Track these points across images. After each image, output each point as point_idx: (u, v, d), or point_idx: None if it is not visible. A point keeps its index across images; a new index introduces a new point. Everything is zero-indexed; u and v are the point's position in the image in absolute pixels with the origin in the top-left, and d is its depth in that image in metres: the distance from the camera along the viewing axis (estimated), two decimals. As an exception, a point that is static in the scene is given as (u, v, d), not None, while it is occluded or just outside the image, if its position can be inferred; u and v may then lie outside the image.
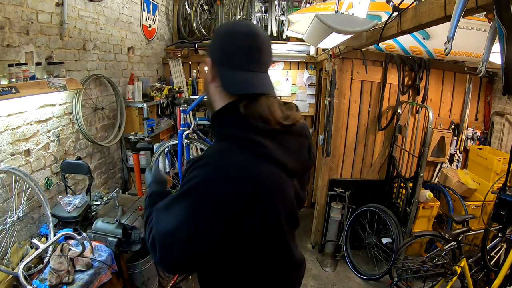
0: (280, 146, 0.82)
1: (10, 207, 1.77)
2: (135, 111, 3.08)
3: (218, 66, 0.84)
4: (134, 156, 2.49)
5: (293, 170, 0.86)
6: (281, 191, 0.84)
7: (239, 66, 0.80)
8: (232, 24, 0.90)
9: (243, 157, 0.77)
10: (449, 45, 1.06)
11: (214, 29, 0.87)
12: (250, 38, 0.81)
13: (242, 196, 0.75)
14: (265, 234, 0.83)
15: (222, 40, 0.84)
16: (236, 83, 0.80)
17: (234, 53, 0.81)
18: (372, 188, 3.28)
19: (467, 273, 2.31)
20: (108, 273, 1.79)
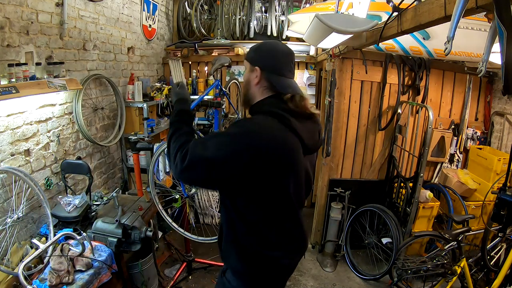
0: (301, 124, 1.13)
1: (10, 207, 1.77)
2: (135, 111, 3.08)
3: (268, 73, 1.16)
4: (134, 156, 2.49)
5: (307, 143, 1.15)
6: (295, 152, 1.11)
7: (284, 74, 1.17)
8: (276, 44, 1.22)
9: (274, 124, 1.08)
10: (449, 45, 1.06)
11: (256, 45, 1.11)
12: (290, 56, 1.20)
13: (269, 146, 1.03)
14: (275, 182, 1.08)
15: (273, 56, 1.18)
16: (284, 86, 1.16)
17: (282, 66, 1.17)
18: (372, 188, 3.28)
19: (467, 273, 2.31)
20: (108, 273, 1.79)
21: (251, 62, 1.20)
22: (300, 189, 1.21)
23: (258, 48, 1.21)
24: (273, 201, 1.12)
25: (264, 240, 1.17)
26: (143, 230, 1.97)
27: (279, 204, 1.13)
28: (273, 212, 1.14)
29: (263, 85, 1.17)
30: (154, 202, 2.27)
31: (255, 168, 1.02)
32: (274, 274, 1.23)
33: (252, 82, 1.19)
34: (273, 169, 1.05)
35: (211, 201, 3.40)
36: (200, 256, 3.06)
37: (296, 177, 1.14)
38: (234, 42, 4.07)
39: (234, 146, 1.02)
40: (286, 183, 1.10)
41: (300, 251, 1.31)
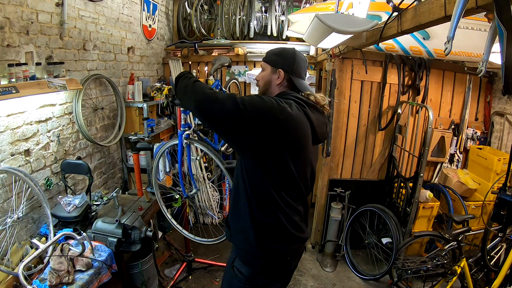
0: (314, 114, 1.31)
1: (10, 207, 1.77)
2: (135, 111, 3.08)
3: (291, 76, 1.37)
4: (134, 156, 2.49)
5: (317, 131, 1.30)
6: (306, 133, 1.26)
7: (302, 77, 1.41)
8: (295, 51, 1.42)
9: (294, 105, 1.24)
10: (449, 45, 1.06)
11: (276, 49, 1.48)
12: (306, 62, 1.45)
13: (288, 118, 1.18)
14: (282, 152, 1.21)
15: (295, 62, 1.38)
16: (304, 86, 1.39)
17: (301, 70, 1.40)
18: (372, 188, 3.28)
19: (467, 273, 2.31)
20: (108, 273, 1.79)
21: (273, 65, 1.38)
22: (305, 175, 1.32)
23: (280, 53, 1.41)
24: (278, 172, 1.22)
25: (276, 217, 1.26)
26: (143, 230, 1.97)
27: (284, 177, 1.24)
28: (278, 183, 1.23)
29: (283, 85, 1.38)
30: (158, 202, 2.27)
31: (270, 131, 1.15)
32: (283, 253, 1.32)
33: (274, 82, 1.38)
34: (284, 139, 1.18)
35: (211, 201, 3.40)
36: (200, 256, 3.06)
37: (302, 159, 1.27)
38: (234, 42, 4.07)
39: (262, 104, 1.17)
40: (291, 159, 1.22)
41: (301, 239, 1.38)
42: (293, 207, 1.30)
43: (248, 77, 4.06)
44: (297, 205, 1.32)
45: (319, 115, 1.34)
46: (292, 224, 1.29)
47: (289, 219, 1.28)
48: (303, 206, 1.37)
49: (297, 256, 1.43)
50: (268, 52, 1.44)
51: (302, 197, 1.34)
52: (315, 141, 1.32)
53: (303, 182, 1.31)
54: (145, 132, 3.07)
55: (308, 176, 1.36)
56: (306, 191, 1.36)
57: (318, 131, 1.31)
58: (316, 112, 1.33)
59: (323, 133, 1.38)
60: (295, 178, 1.26)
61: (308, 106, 1.29)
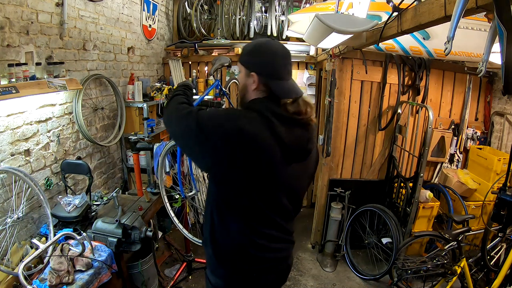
0: (288, 130, 1.07)
1: (10, 207, 1.77)
2: (135, 111, 3.08)
3: (266, 79, 1.11)
4: (134, 156, 2.49)
5: (292, 149, 1.08)
6: (267, 153, 1.05)
7: (282, 78, 1.11)
8: (271, 45, 1.13)
9: (256, 120, 1.05)
10: (449, 45, 1.06)
11: (249, 46, 1.10)
12: (287, 58, 1.14)
13: (239, 134, 1.02)
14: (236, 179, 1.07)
15: (271, 60, 1.11)
16: (285, 90, 1.11)
17: (279, 70, 1.11)
18: (372, 188, 3.28)
19: (467, 273, 2.31)
20: (108, 273, 1.79)
21: (246, 67, 1.14)
22: (277, 201, 1.13)
23: (252, 51, 1.14)
24: (237, 199, 1.11)
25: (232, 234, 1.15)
26: (143, 230, 1.97)
27: (245, 205, 1.10)
28: (238, 209, 1.12)
29: (261, 90, 1.12)
30: (164, 202, 2.27)
31: (222, 154, 1.03)
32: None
33: (250, 88, 1.14)
34: (239, 163, 1.03)
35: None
36: (200, 256, 3.06)
37: (268, 185, 1.09)
38: (234, 42, 4.07)
39: (214, 121, 1.05)
40: (252, 187, 1.07)
41: (275, 269, 1.22)
42: (259, 232, 1.14)
43: (248, 77, 4.06)
44: (268, 228, 1.15)
45: (298, 130, 1.10)
46: (256, 247, 1.15)
47: (253, 243, 1.14)
48: (278, 228, 1.18)
49: (271, 274, 1.23)
50: (243, 48, 1.20)
51: (274, 222, 1.16)
52: (293, 159, 1.12)
53: (274, 208, 1.14)
54: (145, 132, 3.07)
55: (286, 200, 1.16)
56: (284, 215, 1.19)
57: (294, 149, 1.10)
58: (294, 126, 1.09)
59: (303, 150, 1.14)
60: (259, 207, 1.10)
61: (281, 120, 1.07)
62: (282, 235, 1.21)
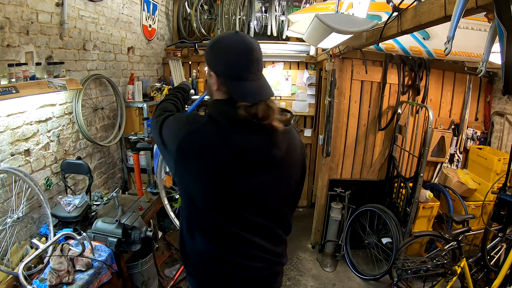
0: (244, 135, 0.96)
1: (10, 207, 1.77)
2: (135, 111, 3.08)
3: (224, 79, 0.98)
4: (134, 156, 2.49)
5: (246, 156, 0.97)
6: (216, 159, 0.96)
7: (243, 78, 0.95)
8: (230, 41, 0.97)
9: (205, 125, 0.98)
10: (449, 45, 1.06)
11: (211, 41, 1.01)
12: (248, 54, 0.95)
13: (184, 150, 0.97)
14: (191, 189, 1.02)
15: (224, 56, 0.97)
16: (245, 93, 0.95)
17: (237, 68, 0.96)
18: (372, 188, 3.28)
19: (467, 273, 2.31)
20: (108, 273, 1.79)
21: (207, 65, 1.04)
22: (238, 216, 1.02)
23: (212, 47, 1.01)
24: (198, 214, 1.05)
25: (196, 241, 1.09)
26: (143, 230, 1.97)
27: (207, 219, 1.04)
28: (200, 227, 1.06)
29: (222, 91, 1.00)
30: (163, 202, 2.27)
31: (178, 160, 0.99)
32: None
33: (213, 88, 1.03)
34: (187, 168, 0.99)
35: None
36: (200, 256, 3.05)
37: (221, 193, 0.99)
38: (234, 42, 4.07)
39: (168, 132, 1.04)
40: (206, 198, 1.00)
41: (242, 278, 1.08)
42: (229, 247, 1.04)
43: (248, 77, 4.06)
44: (242, 246, 1.04)
45: (258, 136, 0.97)
46: (225, 262, 1.05)
47: (221, 258, 1.05)
48: (254, 247, 1.05)
49: None
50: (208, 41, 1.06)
51: (248, 240, 1.04)
52: (256, 169, 0.98)
53: (243, 225, 1.02)
54: (145, 132, 3.07)
55: (257, 217, 1.03)
56: (262, 233, 1.06)
57: (253, 158, 0.97)
58: (253, 131, 0.96)
59: (267, 157, 0.99)
60: (223, 223, 1.01)
61: (236, 124, 0.95)
62: (262, 254, 1.07)
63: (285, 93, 4.07)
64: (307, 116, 4.17)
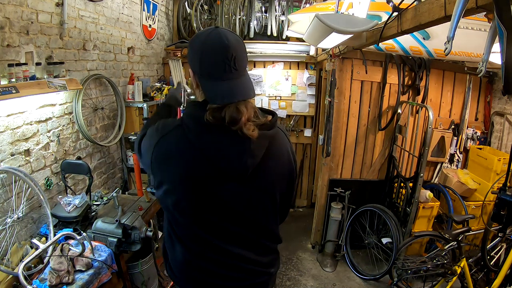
0: (218, 141, 0.91)
1: (10, 207, 1.77)
2: (135, 111, 3.08)
3: (199, 78, 0.93)
4: (134, 156, 2.50)
5: (222, 166, 0.92)
6: (191, 168, 0.93)
7: (218, 77, 0.88)
8: (206, 37, 0.89)
9: (175, 133, 0.95)
10: (449, 45, 1.06)
11: (192, 38, 0.94)
12: (224, 50, 0.87)
13: (155, 158, 0.96)
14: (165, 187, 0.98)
15: (199, 54, 0.90)
16: (219, 94, 0.88)
17: (211, 66, 0.89)
18: (372, 188, 3.28)
19: (467, 273, 2.31)
20: (108, 273, 1.79)
21: (188, 63, 0.99)
22: (211, 220, 0.98)
23: (190, 43, 0.95)
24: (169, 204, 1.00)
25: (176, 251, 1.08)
26: (143, 230, 1.97)
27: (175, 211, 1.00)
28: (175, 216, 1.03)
29: (200, 90, 0.96)
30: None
31: (154, 168, 0.98)
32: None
33: (194, 87, 1.00)
34: (163, 173, 0.97)
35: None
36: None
37: (194, 201, 0.95)
38: (234, 42, 4.07)
39: (144, 146, 1.04)
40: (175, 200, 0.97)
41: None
42: (204, 256, 1.02)
43: (248, 77, 4.06)
44: (217, 255, 1.01)
45: (228, 142, 0.90)
46: (202, 271, 1.04)
47: (197, 266, 1.04)
48: (232, 256, 1.01)
49: None
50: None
51: (224, 250, 1.01)
52: (229, 177, 0.93)
53: (220, 235, 0.99)
54: (145, 132, 3.07)
55: (235, 227, 0.99)
56: (242, 243, 1.02)
57: (221, 163, 0.91)
58: (225, 136, 0.90)
59: (238, 165, 0.91)
60: (193, 230, 1.00)
61: (208, 130, 0.90)
62: (243, 264, 1.03)
63: (285, 93, 4.07)
64: (307, 116, 4.18)
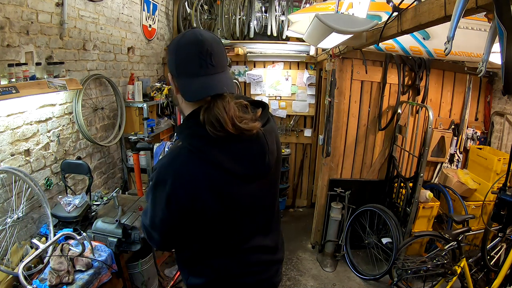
0: (229, 153, 0.90)
1: (10, 207, 1.77)
2: (135, 111, 3.08)
3: (176, 79, 0.92)
4: (134, 156, 2.49)
5: (241, 174, 0.93)
6: (221, 191, 0.93)
7: (193, 73, 0.87)
8: (181, 37, 0.90)
9: (189, 162, 0.89)
10: (449, 45, 1.06)
11: (176, 38, 0.92)
12: (198, 45, 0.86)
13: (184, 191, 0.89)
14: (208, 221, 0.96)
15: (174, 54, 0.90)
16: (192, 90, 0.87)
17: (186, 63, 0.88)
18: (372, 188, 3.28)
19: (467, 273, 2.31)
20: (108, 273, 1.79)
21: (168, 68, 0.98)
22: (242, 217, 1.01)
23: (168, 47, 0.97)
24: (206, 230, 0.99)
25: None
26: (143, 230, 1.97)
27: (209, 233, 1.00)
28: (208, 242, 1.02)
29: (180, 93, 0.94)
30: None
31: (185, 208, 0.92)
32: None
33: (175, 93, 0.97)
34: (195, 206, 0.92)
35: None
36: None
37: (229, 210, 0.97)
38: (234, 42, 4.08)
39: (160, 199, 0.93)
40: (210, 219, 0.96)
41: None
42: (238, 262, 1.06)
43: (248, 77, 4.07)
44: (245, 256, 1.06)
45: (241, 147, 0.91)
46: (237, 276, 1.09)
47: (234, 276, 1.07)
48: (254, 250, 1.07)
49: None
50: None
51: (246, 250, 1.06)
52: (248, 179, 0.96)
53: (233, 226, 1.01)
54: (145, 132, 3.07)
55: (252, 212, 1.03)
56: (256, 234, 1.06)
57: (244, 171, 0.93)
58: (237, 143, 0.90)
59: (259, 167, 0.95)
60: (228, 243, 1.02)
61: (214, 143, 0.88)
62: (263, 257, 1.12)
63: (285, 93, 4.08)
64: (307, 116, 4.18)
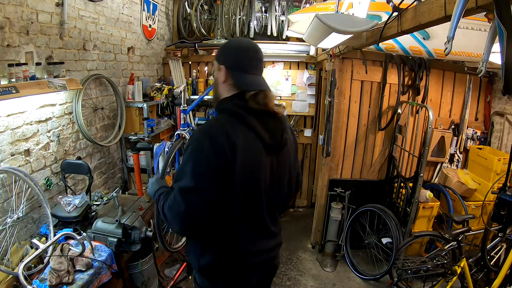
0: (261, 122, 1.14)
1: (10, 207, 1.77)
2: (135, 111, 3.08)
3: (231, 71, 1.17)
4: (134, 156, 2.49)
5: (267, 142, 1.15)
6: (251, 148, 1.11)
7: (247, 70, 1.17)
8: (240, 41, 1.25)
9: (229, 121, 1.11)
10: (449, 45, 1.05)
11: (225, 43, 1.28)
12: (255, 52, 1.20)
13: (223, 152, 1.05)
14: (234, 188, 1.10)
15: (234, 52, 1.19)
16: (247, 82, 1.16)
17: (244, 61, 1.18)
18: (372, 188, 3.28)
19: (467, 273, 2.31)
20: (108, 273, 1.79)
21: (217, 61, 1.22)
22: (260, 187, 1.16)
23: (224, 46, 1.24)
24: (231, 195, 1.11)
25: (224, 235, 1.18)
26: (143, 230, 1.97)
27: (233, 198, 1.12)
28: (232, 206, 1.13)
29: (229, 83, 1.18)
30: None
31: (226, 166, 1.06)
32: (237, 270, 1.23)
33: (219, 80, 1.20)
34: (231, 164, 1.06)
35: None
36: (200, 256, 3.05)
37: (253, 174, 1.13)
38: (234, 42, 4.07)
39: (201, 165, 1.06)
40: (240, 179, 1.09)
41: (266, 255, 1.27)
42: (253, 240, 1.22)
43: (248, 77, 4.06)
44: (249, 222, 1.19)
45: (270, 122, 1.17)
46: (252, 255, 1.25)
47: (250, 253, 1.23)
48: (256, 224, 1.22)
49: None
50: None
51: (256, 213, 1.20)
52: (270, 150, 1.17)
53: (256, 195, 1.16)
54: (145, 132, 3.07)
55: (272, 184, 1.20)
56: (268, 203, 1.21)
57: (270, 142, 1.15)
58: (267, 118, 1.16)
59: (278, 141, 1.19)
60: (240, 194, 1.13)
61: (253, 114, 1.13)
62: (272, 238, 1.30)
63: (285, 93, 4.07)
64: (307, 116, 4.17)
